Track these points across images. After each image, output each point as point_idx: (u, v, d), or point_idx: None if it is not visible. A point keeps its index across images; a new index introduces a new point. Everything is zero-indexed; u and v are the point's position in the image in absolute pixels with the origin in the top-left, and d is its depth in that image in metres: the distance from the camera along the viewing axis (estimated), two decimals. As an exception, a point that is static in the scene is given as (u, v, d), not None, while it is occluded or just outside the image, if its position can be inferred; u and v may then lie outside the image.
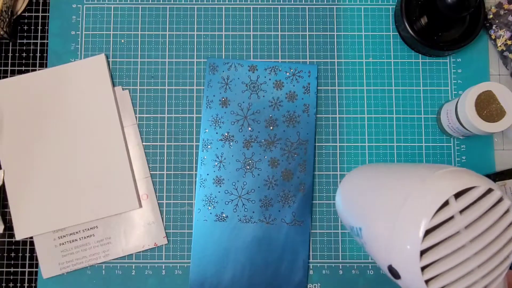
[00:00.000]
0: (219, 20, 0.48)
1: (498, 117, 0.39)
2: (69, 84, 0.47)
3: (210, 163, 0.46)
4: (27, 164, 0.46)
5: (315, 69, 0.47)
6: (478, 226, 0.28)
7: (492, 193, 0.29)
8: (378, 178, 0.37)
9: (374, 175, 0.39)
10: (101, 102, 0.46)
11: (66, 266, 0.45)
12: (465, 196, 0.28)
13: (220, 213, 0.45)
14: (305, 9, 0.48)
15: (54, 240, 0.45)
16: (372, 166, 0.43)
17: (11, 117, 0.46)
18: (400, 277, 0.29)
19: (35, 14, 0.48)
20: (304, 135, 0.46)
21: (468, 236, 0.28)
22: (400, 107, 0.47)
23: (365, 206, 0.36)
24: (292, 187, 0.45)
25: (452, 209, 0.28)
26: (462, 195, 0.28)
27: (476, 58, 0.48)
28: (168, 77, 0.48)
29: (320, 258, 0.46)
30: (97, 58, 0.47)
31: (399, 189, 0.31)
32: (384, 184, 0.34)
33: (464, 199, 0.28)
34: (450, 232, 0.27)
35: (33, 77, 0.47)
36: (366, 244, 0.34)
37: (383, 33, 0.48)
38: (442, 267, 0.28)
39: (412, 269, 0.28)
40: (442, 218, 0.27)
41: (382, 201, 0.32)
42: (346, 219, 0.41)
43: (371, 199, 0.35)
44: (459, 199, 0.28)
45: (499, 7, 0.46)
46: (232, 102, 0.46)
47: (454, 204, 0.28)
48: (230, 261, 0.44)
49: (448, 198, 0.28)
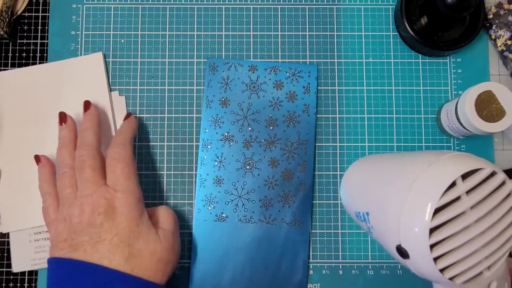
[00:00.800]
0: (219, 20, 0.48)
1: (498, 117, 0.39)
2: (65, 80, 0.46)
3: (210, 163, 0.46)
4: (17, 159, 0.46)
5: (315, 69, 0.47)
6: (483, 207, 0.29)
7: (496, 176, 0.30)
8: (383, 164, 0.39)
9: (379, 162, 0.40)
10: (95, 100, 0.46)
11: (37, 263, 0.44)
12: (471, 177, 0.29)
13: (220, 213, 0.45)
14: (305, 9, 0.48)
15: (30, 235, 0.45)
16: (375, 155, 0.44)
17: (2, 111, 0.46)
18: (409, 256, 0.30)
19: (35, 14, 0.48)
20: (304, 135, 0.46)
21: (473, 216, 0.29)
22: (400, 107, 0.47)
23: (371, 192, 0.37)
24: (292, 187, 0.45)
25: (459, 189, 0.29)
26: (467, 177, 0.30)
27: (476, 58, 0.48)
28: (168, 77, 0.48)
29: (320, 258, 0.46)
30: (94, 56, 0.47)
31: (406, 173, 0.32)
32: (391, 169, 0.36)
33: (471, 180, 0.29)
34: (458, 212, 0.29)
35: (29, 71, 0.47)
36: (373, 228, 0.35)
37: (383, 33, 0.48)
38: (449, 246, 0.29)
39: (421, 247, 0.29)
40: (450, 197, 0.29)
41: (389, 185, 0.34)
42: (351, 207, 0.42)
43: (377, 184, 0.37)
44: (465, 180, 0.29)
45: (499, 7, 0.46)
46: (232, 102, 0.46)
47: (461, 184, 0.29)
48: (230, 261, 0.44)
49: (455, 179, 0.29)
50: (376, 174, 0.39)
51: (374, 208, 0.36)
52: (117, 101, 0.47)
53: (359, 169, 0.43)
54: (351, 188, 0.43)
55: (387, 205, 0.33)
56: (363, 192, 0.40)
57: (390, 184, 0.34)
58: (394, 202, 0.32)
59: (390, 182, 0.34)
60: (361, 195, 0.40)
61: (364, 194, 0.39)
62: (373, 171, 0.40)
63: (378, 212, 0.35)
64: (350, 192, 0.43)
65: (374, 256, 0.46)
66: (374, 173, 0.39)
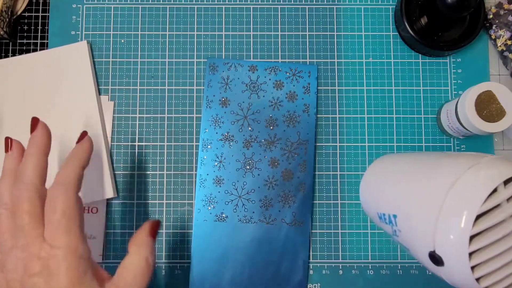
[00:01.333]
0: (219, 20, 0.48)
1: (498, 117, 0.39)
2: (49, 70, 0.46)
3: (210, 163, 0.46)
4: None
5: (315, 70, 0.47)
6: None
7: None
8: (413, 164, 0.37)
9: (407, 161, 0.39)
10: (80, 89, 0.46)
11: None
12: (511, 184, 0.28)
13: (220, 213, 0.45)
14: (305, 9, 0.48)
15: None
16: (398, 154, 0.42)
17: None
18: (444, 263, 0.29)
19: (35, 14, 0.48)
20: (305, 135, 0.46)
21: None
22: (400, 107, 0.47)
23: (400, 193, 0.36)
24: (292, 187, 0.45)
25: (500, 196, 0.28)
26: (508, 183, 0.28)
27: (476, 58, 0.48)
28: (168, 77, 0.48)
29: (320, 258, 0.46)
30: (79, 45, 0.47)
31: (442, 174, 0.31)
32: (424, 170, 0.34)
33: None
34: (499, 219, 0.27)
35: (13, 61, 0.47)
36: (401, 231, 0.34)
37: (383, 33, 0.48)
38: (488, 254, 0.28)
39: (459, 255, 0.28)
40: (491, 204, 0.28)
41: (422, 187, 0.32)
42: (373, 208, 0.40)
43: (408, 185, 0.35)
44: (507, 186, 0.28)
45: (499, 7, 0.46)
46: (232, 102, 0.46)
47: (503, 191, 0.28)
48: (230, 261, 0.44)
49: (497, 185, 0.28)
50: (405, 174, 0.37)
51: (403, 211, 0.34)
52: (106, 106, 0.47)
53: (382, 168, 0.42)
54: (373, 189, 0.41)
55: (421, 208, 0.31)
56: (389, 193, 0.38)
57: (423, 186, 0.32)
58: (429, 206, 0.30)
59: (424, 183, 0.32)
60: (387, 195, 0.38)
61: (390, 195, 0.37)
62: (400, 171, 0.38)
63: (408, 215, 0.33)
64: (373, 192, 0.41)
65: (374, 256, 0.46)
66: (403, 173, 0.37)
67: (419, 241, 0.31)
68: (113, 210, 0.46)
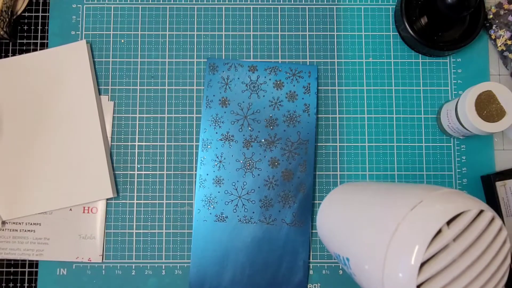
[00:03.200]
0: (219, 20, 0.48)
1: (498, 117, 0.39)
2: (48, 69, 0.46)
3: (210, 163, 0.46)
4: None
5: (315, 70, 0.47)
6: (474, 250, 0.27)
7: (483, 214, 0.28)
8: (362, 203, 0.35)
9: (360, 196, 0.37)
10: (80, 88, 0.46)
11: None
12: (457, 221, 0.27)
13: (220, 214, 0.45)
14: (305, 9, 0.48)
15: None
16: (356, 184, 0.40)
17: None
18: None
19: (35, 14, 0.48)
20: (305, 135, 0.46)
21: (464, 262, 0.27)
22: (400, 107, 0.47)
23: (350, 235, 0.34)
24: (292, 187, 0.45)
25: (445, 238, 0.27)
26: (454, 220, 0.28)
27: (476, 58, 0.48)
28: (168, 77, 0.48)
29: (320, 258, 0.45)
30: (78, 44, 0.47)
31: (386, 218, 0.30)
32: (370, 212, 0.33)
33: (457, 225, 0.27)
34: (446, 262, 0.27)
35: (13, 61, 0.47)
36: (356, 276, 0.33)
37: (383, 33, 0.48)
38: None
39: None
40: (436, 248, 0.27)
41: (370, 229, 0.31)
42: (330, 248, 0.39)
43: (357, 228, 0.34)
44: (451, 226, 0.27)
45: (499, 7, 0.46)
46: (232, 102, 0.46)
47: (447, 232, 0.27)
48: (230, 262, 0.44)
49: (440, 227, 0.27)
50: (357, 213, 0.35)
51: (354, 254, 0.32)
52: (106, 106, 0.47)
53: (339, 201, 0.40)
54: (330, 226, 0.39)
55: (368, 254, 0.30)
56: (343, 232, 0.35)
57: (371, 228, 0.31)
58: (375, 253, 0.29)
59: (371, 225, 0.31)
60: (341, 235, 0.36)
61: (344, 236, 0.35)
62: (354, 208, 0.36)
63: (358, 260, 0.31)
64: (329, 230, 0.39)
65: (374, 256, 0.45)
66: (355, 211, 0.36)
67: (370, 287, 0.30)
68: (113, 210, 0.46)
